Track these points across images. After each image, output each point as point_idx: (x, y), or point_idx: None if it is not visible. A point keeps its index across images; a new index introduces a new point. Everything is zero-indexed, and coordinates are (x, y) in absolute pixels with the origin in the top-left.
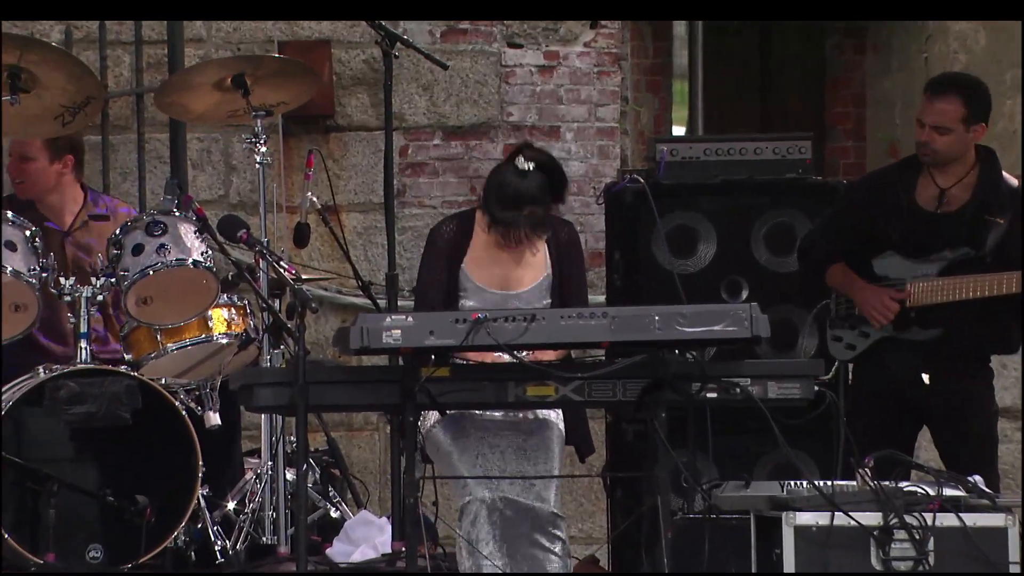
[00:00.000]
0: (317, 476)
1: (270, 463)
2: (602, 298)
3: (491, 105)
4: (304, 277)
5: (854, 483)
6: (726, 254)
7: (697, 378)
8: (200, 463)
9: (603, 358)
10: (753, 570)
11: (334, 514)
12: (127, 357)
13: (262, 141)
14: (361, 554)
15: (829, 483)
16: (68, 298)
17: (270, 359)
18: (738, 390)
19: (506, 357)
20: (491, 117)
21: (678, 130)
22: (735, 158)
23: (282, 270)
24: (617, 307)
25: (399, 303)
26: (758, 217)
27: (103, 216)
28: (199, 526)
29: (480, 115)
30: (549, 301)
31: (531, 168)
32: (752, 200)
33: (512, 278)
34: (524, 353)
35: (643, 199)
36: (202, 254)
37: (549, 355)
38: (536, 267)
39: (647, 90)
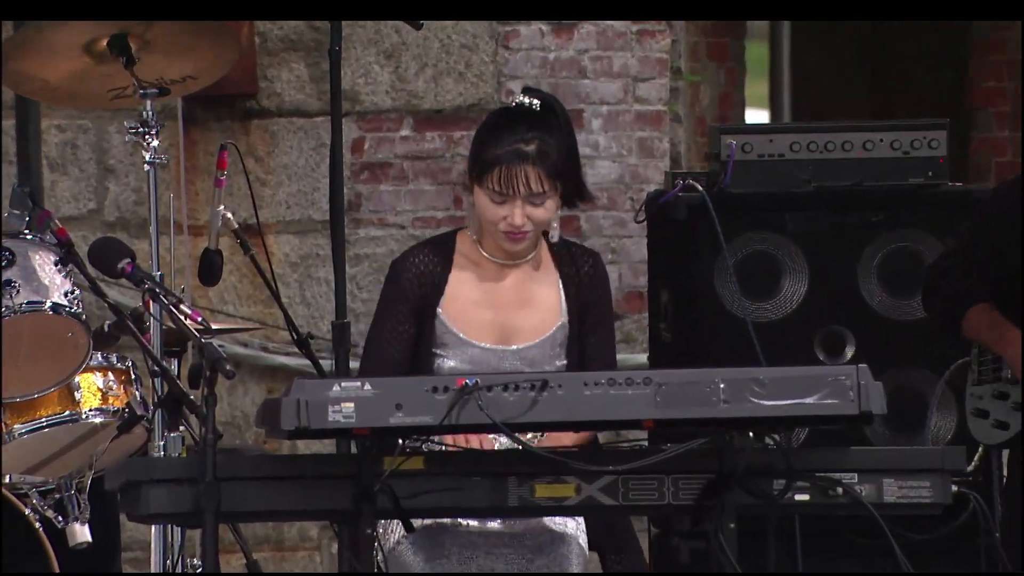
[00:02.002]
0: None
1: None
2: (643, 357)
3: (484, 80)
4: (215, 327)
5: None
6: (823, 294)
7: (781, 473)
8: None
9: (645, 443)
10: None
11: None
12: None
13: (154, 132)
14: None
15: None
16: None
17: (164, 446)
18: (840, 491)
19: (506, 441)
20: (484, 97)
21: (754, 115)
22: (836, 156)
23: (182, 317)
24: (665, 370)
25: (351, 364)
26: (869, 241)
27: None
28: None
29: (468, 94)
30: (564, 362)
31: (536, 106)
32: (861, 216)
33: (511, 327)
34: (531, 436)
35: (702, 215)
36: (66, 295)
37: (567, 439)
38: (545, 312)
39: (709, 57)
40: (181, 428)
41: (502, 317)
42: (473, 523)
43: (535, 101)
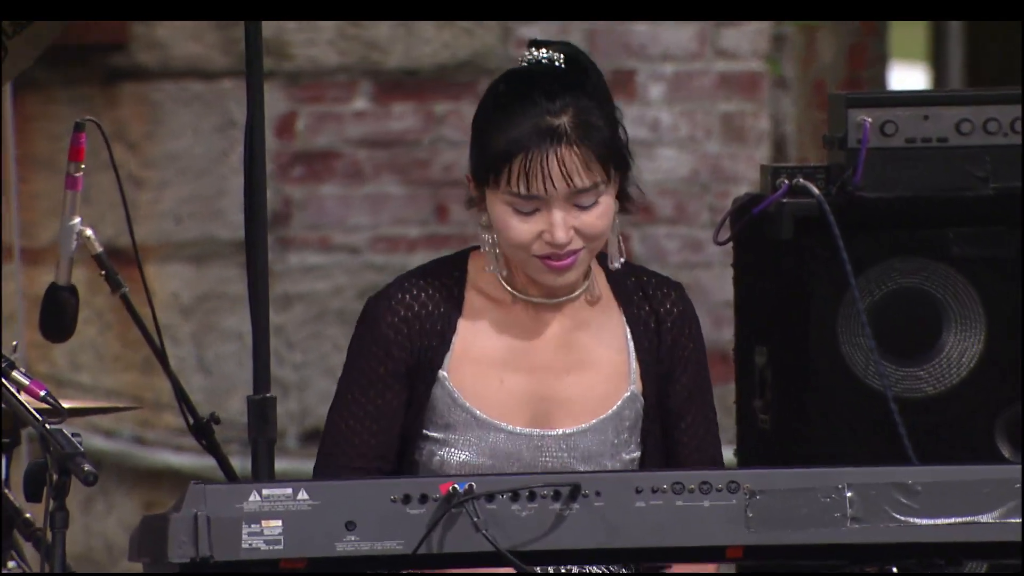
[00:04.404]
0: None
1: None
2: (729, 452)
3: (482, 25)
4: (67, 406)
5: None
6: (1006, 355)
7: None
8: None
9: None
10: None
11: None
12: None
13: None
14: None
15: None
16: None
17: None
18: None
19: None
20: (482, 50)
21: (904, 76)
22: None
23: (15, 391)
24: (762, 469)
25: (278, 464)
26: None
27: None
28: None
29: (458, 47)
30: (637, 454)
31: (560, 61)
32: None
33: (554, 401)
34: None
35: (819, 232)
36: None
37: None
38: (606, 376)
39: None
40: (11, 563)
41: (540, 385)
42: None
43: (556, 55)
